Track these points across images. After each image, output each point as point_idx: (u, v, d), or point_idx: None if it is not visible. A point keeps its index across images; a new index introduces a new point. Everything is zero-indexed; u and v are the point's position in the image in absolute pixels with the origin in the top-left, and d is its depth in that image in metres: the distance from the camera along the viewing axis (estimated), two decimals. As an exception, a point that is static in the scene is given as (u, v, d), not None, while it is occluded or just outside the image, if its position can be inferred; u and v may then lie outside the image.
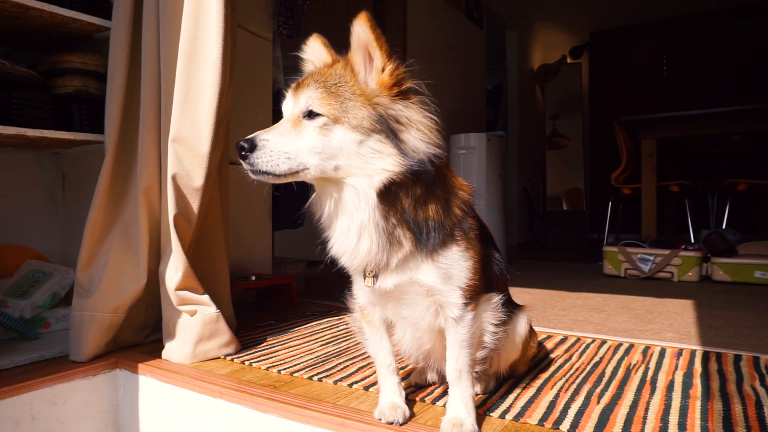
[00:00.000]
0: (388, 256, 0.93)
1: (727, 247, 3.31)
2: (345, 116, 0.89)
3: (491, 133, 4.25)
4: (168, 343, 1.50)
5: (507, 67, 6.53)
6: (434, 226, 0.93)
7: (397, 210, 0.91)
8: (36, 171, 1.97)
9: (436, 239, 0.94)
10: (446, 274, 0.97)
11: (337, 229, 0.94)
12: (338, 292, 0.99)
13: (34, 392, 1.30)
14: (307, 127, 0.90)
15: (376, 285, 0.98)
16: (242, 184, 2.30)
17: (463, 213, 0.99)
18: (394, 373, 1.10)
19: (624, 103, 6.69)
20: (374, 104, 0.90)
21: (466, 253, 0.98)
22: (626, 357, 1.53)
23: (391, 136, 0.89)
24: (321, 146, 0.89)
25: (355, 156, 0.89)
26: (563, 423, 1.04)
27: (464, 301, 0.99)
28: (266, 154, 0.88)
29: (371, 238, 0.91)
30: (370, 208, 0.90)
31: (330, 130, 0.89)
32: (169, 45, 1.52)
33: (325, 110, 0.89)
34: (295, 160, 0.89)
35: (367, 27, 0.88)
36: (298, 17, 2.66)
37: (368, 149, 0.89)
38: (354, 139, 0.88)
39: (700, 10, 6.47)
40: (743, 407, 1.13)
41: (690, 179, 4.28)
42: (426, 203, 0.93)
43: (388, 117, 0.89)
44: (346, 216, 0.92)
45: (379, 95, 0.90)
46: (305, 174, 0.91)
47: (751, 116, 3.78)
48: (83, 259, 1.54)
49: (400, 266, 0.95)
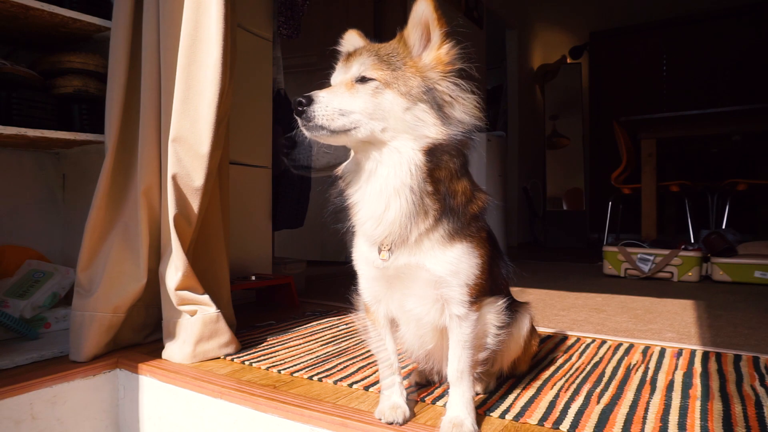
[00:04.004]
0: (410, 228, 0.96)
1: (727, 247, 3.31)
2: (396, 82, 0.94)
3: (491, 133, 4.25)
4: (168, 343, 1.50)
5: (507, 67, 6.53)
6: (459, 206, 0.97)
7: (434, 178, 0.96)
8: (36, 171, 1.97)
9: (455, 222, 0.97)
10: (455, 268, 0.98)
11: (368, 193, 0.97)
12: (338, 292, 0.99)
13: (35, 392, 1.30)
14: (360, 90, 0.95)
15: (389, 261, 0.99)
16: (242, 184, 2.31)
17: (481, 211, 1.02)
18: (396, 373, 1.11)
19: (624, 103, 6.69)
20: (425, 76, 0.96)
21: (476, 251, 1.00)
22: (626, 357, 1.53)
23: (435, 107, 0.95)
24: (372, 107, 0.94)
25: (401, 121, 0.94)
26: (563, 423, 1.04)
27: (469, 300, 1.00)
28: (323, 108, 0.92)
29: (401, 204, 0.95)
30: (411, 171, 0.94)
31: (381, 93, 0.94)
32: (169, 45, 1.52)
33: (378, 75, 0.95)
34: (348, 117, 0.93)
35: (431, 6, 0.94)
36: (298, 17, 2.66)
37: (412, 116, 0.94)
38: (402, 104, 0.94)
39: (700, 10, 6.47)
40: (743, 407, 1.13)
41: (690, 179, 4.29)
42: (459, 180, 0.98)
43: (437, 90, 0.96)
44: (382, 179, 0.96)
45: (432, 69, 0.96)
46: (356, 133, 0.94)
47: (751, 116, 3.78)
48: (83, 259, 1.54)
49: (416, 244, 0.97)
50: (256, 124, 2.43)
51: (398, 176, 0.94)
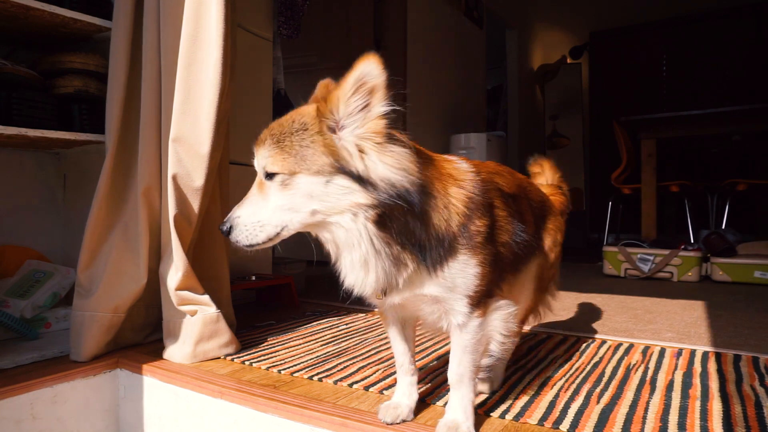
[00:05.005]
0: (394, 279, 0.92)
1: (727, 247, 3.31)
2: (303, 163, 0.86)
3: (491, 133, 4.26)
4: (168, 343, 1.51)
5: (507, 67, 6.53)
6: (435, 243, 0.91)
7: (397, 233, 0.89)
8: (36, 171, 1.97)
9: (437, 255, 0.92)
10: (451, 285, 0.95)
11: (344, 265, 0.93)
12: (338, 293, 0.98)
13: (35, 392, 1.30)
14: (269, 188, 0.89)
15: (385, 300, 0.98)
16: (243, 184, 2.30)
17: (466, 217, 0.94)
18: (407, 373, 1.11)
19: (624, 103, 6.69)
20: (338, 156, 0.85)
21: (471, 260, 0.95)
22: (626, 357, 1.53)
23: (355, 177, 0.85)
24: (289, 202, 0.88)
25: (326, 196, 0.86)
26: (563, 423, 1.04)
27: (469, 309, 0.97)
28: (242, 231, 0.90)
29: (376, 268, 0.90)
30: (366, 241, 0.88)
31: (290, 183, 0.87)
32: (169, 45, 1.52)
33: (280, 167, 0.87)
34: (269, 225, 0.89)
35: (381, 71, 0.82)
36: (298, 17, 2.67)
37: (336, 187, 0.86)
38: (319, 181, 0.86)
39: (700, 10, 6.47)
40: (743, 407, 1.13)
41: (690, 179, 4.28)
42: (423, 222, 0.90)
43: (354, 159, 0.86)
44: (347, 252, 0.91)
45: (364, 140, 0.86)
46: (287, 231, 0.91)
47: (751, 116, 3.78)
48: (84, 259, 1.54)
49: (407, 284, 0.95)
50: (257, 124, 2.40)
51: (358, 250, 0.89)
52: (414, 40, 4.25)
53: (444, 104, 4.81)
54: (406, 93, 4.12)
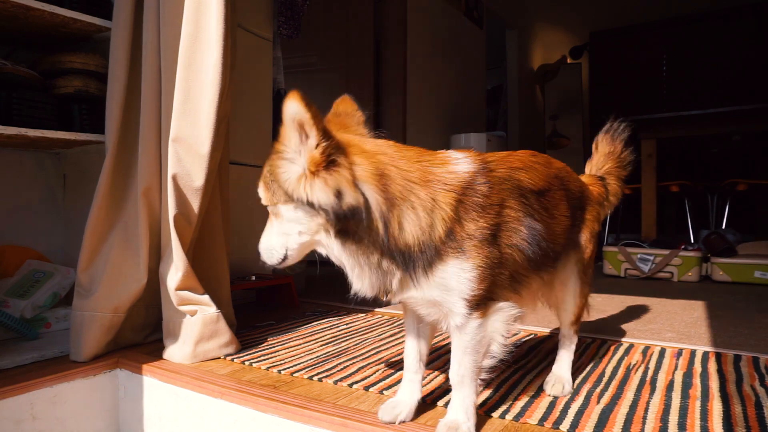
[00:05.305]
0: (388, 283, 0.97)
1: (727, 247, 3.31)
2: (275, 196, 0.97)
3: (491, 133, 4.26)
4: (168, 343, 1.51)
5: (507, 67, 6.53)
6: (416, 251, 0.93)
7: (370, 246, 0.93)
8: (36, 171, 1.97)
9: (420, 262, 0.93)
10: (445, 287, 0.95)
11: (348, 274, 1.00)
12: (338, 293, 1.00)
13: (35, 392, 1.30)
14: (271, 217, 1.02)
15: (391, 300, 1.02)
16: (242, 184, 2.30)
17: (455, 221, 0.93)
18: (411, 371, 1.12)
19: (624, 103, 6.69)
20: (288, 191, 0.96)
21: (465, 263, 0.93)
22: (626, 357, 1.53)
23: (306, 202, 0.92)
24: (281, 228, 0.99)
25: (300, 220, 0.96)
26: (563, 423, 1.04)
27: (467, 311, 0.96)
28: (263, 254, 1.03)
29: (369, 275, 0.96)
30: (347, 254, 0.95)
31: (277, 212, 0.98)
32: (169, 45, 1.52)
33: (266, 200, 1.00)
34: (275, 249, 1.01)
35: (303, 106, 0.86)
36: (298, 17, 2.67)
37: (303, 212, 0.94)
38: (290, 208, 0.96)
39: (700, 10, 6.47)
40: (743, 407, 1.13)
41: (690, 179, 4.28)
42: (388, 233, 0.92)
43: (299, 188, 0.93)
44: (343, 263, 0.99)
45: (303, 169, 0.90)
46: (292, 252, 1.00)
47: (751, 116, 3.78)
48: (84, 259, 1.54)
49: (401, 287, 0.98)
50: (257, 124, 2.43)
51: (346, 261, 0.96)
52: (414, 40, 4.25)
53: (444, 104, 4.81)
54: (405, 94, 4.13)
